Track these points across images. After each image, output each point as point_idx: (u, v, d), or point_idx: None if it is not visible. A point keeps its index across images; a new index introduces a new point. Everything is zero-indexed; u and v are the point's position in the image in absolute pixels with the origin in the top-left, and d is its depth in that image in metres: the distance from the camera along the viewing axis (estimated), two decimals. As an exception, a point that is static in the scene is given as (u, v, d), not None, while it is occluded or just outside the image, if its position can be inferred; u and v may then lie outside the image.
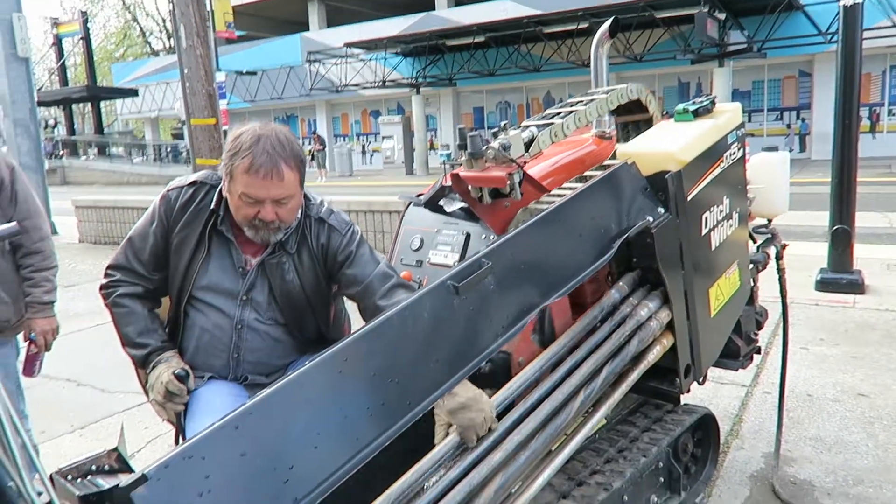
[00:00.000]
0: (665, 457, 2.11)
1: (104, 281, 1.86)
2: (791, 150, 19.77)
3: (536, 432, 1.60)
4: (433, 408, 1.42)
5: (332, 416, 1.18)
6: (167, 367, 1.70)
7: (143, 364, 1.77)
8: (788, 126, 20.55)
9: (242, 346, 1.81)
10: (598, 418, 1.80)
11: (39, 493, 1.01)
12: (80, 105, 36.30)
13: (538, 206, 2.00)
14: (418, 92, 23.54)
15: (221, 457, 1.03)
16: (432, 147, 25.28)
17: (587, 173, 2.13)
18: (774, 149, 2.88)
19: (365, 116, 28.65)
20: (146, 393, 2.02)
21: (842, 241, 5.08)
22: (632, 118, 2.42)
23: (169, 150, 29.71)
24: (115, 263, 1.85)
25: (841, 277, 5.07)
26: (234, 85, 26.11)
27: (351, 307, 2.06)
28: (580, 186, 1.80)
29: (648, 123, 2.37)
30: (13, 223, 0.91)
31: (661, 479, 2.11)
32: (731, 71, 19.10)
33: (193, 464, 1.01)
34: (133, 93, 30.12)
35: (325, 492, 1.13)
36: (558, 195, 1.97)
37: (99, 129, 32.00)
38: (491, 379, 1.76)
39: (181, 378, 1.68)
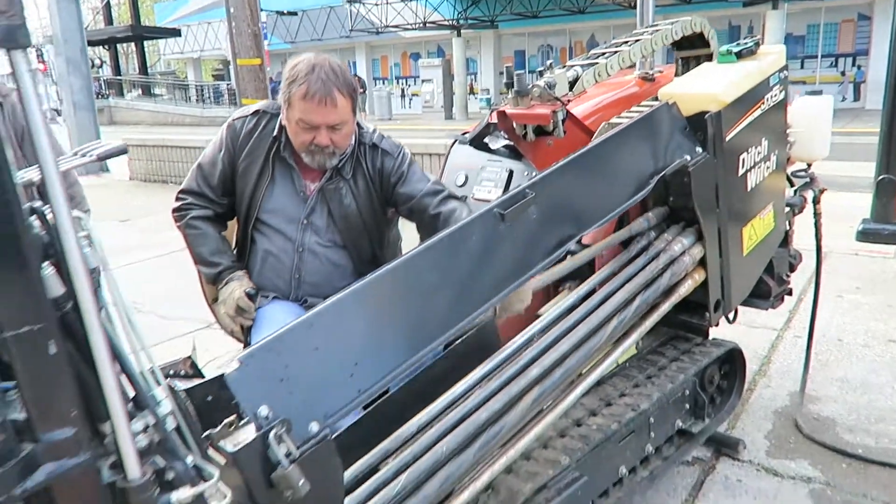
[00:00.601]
0: (692, 385, 2.23)
1: (176, 204, 2.03)
2: (844, 99, 19.06)
3: (571, 352, 1.74)
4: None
5: (392, 321, 1.33)
6: (239, 285, 1.88)
7: (214, 281, 1.95)
8: (843, 73, 19.70)
9: (303, 269, 1.98)
10: (628, 344, 1.93)
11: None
12: (124, 45, 36.65)
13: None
14: (459, 34, 23.17)
15: (298, 349, 1.20)
16: (472, 91, 25.00)
17: (628, 112, 2.19)
18: (819, 93, 2.86)
19: (405, 59, 28.35)
20: (211, 309, 2.22)
21: (887, 191, 5.01)
22: (693, 53, 2.45)
23: (211, 91, 29.98)
24: (187, 188, 2.02)
25: (883, 228, 5.02)
26: (275, 26, 26.04)
27: (404, 233, 2.22)
28: (623, 123, 1.88)
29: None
30: (121, 143, 1.03)
31: (687, 406, 2.24)
32: (786, 14, 18.29)
33: (275, 354, 1.17)
34: (176, 33, 30.29)
35: (384, 385, 1.29)
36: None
37: (143, 69, 32.40)
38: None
39: (251, 296, 1.86)
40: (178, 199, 2.03)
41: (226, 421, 1.28)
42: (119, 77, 32.92)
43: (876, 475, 2.37)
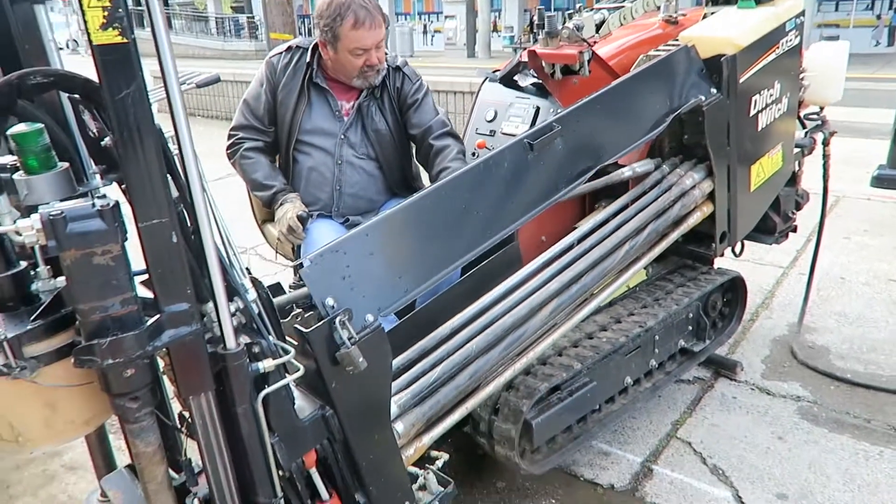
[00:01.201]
0: (695, 309, 2.45)
1: (229, 142, 2.25)
2: (877, 44, 18.49)
3: (587, 271, 1.95)
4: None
5: (434, 234, 1.54)
6: (293, 207, 2.10)
7: (269, 203, 2.18)
8: (878, 17, 19.05)
9: (343, 180, 2.22)
10: (638, 267, 2.13)
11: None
12: (143, -26, 35.99)
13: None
14: (484, -32, 22.56)
15: (357, 253, 1.42)
16: (496, 29, 24.51)
17: (651, 53, 2.34)
18: (836, 38, 2.97)
19: (428, -6, 27.75)
20: (262, 231, 2.45)
21: (906, 137, 5.06)
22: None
23: (231, 23, 29.64)
24: (237, 125, 2.24)
25: (899, 174, 5.10)
26: (296, -44, 25.50)
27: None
28: (660, 55, 2.03)
29: None
30: (214, 73, 1.20)
31: (690, 328, 2.47)
32: (824, -48, 17.60)
33: (339, 256, 1.40)
34: (196, -40, 29.76)
35: (426, 288, 1.52)
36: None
37: (163, -1, 31.95)
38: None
39: (302, 219, 2.09)
40: (229, 136, 2.25)
41: (294, 312, 1.52)
42: (139, 7, 32.42)
43: (860, 396, 2.60)
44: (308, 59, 2.18)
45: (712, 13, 2.53)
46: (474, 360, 1.72)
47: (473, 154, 2.53)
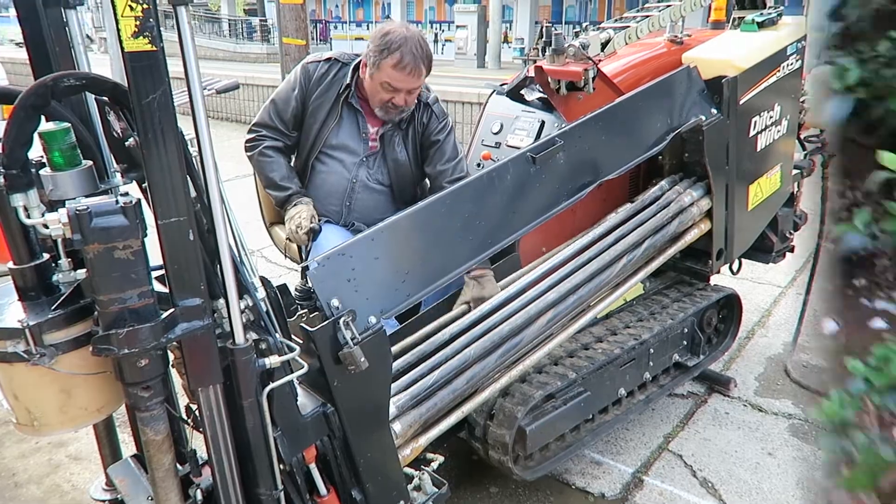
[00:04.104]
0: (690, 324, 2.50)
1: (250, 136, 2.30)
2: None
3: (584, 283, 2.01)
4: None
5: (436, 241, 1.60)
6: (307, 210, 2.16)
7: (283, 203, 2.23)
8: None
9: (354, 198, 2.27)
10: (635, 281, 2.19)
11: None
12: (159, -26, 36.25)
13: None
14: (496, -21, 22.71)
15: (362, 257, 1.48)
16: (506, 40, 24.64)
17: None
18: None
19: (440, 3, 27.91)
20: (269, 231, 2.51)
21: (908, 163, 5.11)
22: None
23: (244, 26, 29.86)
24: (260, 122, 2.28)
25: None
26: (310, -38, 25.69)
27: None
28: (645, 85, 2.09)
29: None
30: (234, 80, 1.25)
31: (685, 342, 2.52)
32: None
33: (345, 259, 1.45)
34: (211, -38, 30.01)
35: (428, 293, 1.58)
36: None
37: (177, -1, 32.15)
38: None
39: (315, 232, 2.13)
40: (251, 131, 2.30)
41: (299, 312, 1.58)
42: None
43: (851, 415, 2.64)
44: (348, 81, 2.20)
45: (740, 18, 2.56)
46: (471, 365, 1.77)
47: (479, 165, 2.59)
